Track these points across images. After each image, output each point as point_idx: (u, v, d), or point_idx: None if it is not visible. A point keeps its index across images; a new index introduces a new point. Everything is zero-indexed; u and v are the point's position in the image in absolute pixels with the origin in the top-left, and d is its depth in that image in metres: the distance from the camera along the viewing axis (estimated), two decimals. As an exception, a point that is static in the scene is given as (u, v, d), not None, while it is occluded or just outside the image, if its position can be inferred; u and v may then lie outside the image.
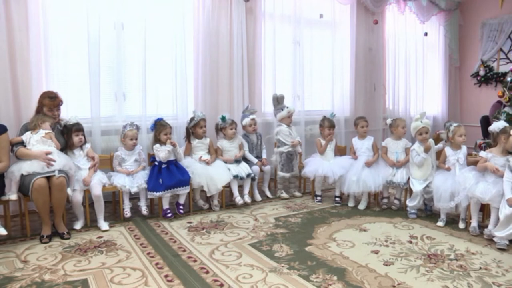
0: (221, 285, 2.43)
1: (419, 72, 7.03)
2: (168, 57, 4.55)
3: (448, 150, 3.76)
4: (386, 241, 3.21)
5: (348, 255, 2.90)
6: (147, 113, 4.33)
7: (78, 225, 3.46)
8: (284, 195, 4.65)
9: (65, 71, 4.05)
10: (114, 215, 3.85)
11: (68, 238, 3.21)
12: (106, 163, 3.81)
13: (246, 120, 4.51)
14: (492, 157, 3.35)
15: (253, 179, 4.30)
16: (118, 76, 4.29)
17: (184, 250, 2.98)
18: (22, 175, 3.09)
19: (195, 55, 4.72)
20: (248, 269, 2.65)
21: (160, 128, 3.81)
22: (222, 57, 4.88)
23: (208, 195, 4.01)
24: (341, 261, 2.80)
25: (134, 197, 3.81)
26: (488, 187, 3.20)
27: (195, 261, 2.79)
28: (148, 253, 2.92)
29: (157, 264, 2.73)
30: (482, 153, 3.48)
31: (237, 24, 4.92)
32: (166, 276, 2.54)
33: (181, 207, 3.81)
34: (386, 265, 2.73)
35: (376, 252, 2.97)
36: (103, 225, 3.43)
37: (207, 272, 2.60)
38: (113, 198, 3.94)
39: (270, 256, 2.89)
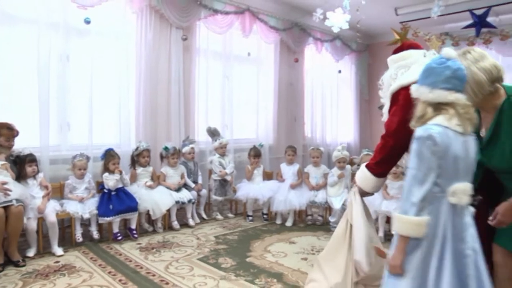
0: (182, 292, 2.87)
1: (334, 104, 7.91)
2: (112, 89, 4.83)
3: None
4: (312, 250, 3.87)
5: (282, 263, 3.49)
6: (93, 142, 4.56)
7: (31, 252, 3.57)
8: (219, 216, 5.14)
9: (11, 100, 4.16)
10: (64, 241, 4.00)
11: (24, 266, 3.33)
12: (55, 191, 3.99)
13: (186, 149, 4.98)
14: (389, 183, 4.23)
15: (192, 202, 4.76)
16: (64, 106, 4.46)
17: (141, 268, 3.34)
18: (-22, 206, 3.20)
19: (136, 89, 5.05)
20: (201, 279, 3.11)
21: (109, 158, 4.13)
22: (161, 91, 5.25)
23: (153, 218, 4.37)
24: (278, 268, 3.37)
25: (81, 223, 4.03)
26: (391, 203, 4.10)
27: (154, 275, 3.18)
28: (109, 272, 3.23)
29: (120, 280, 3.07)
30: None
31: (175, 60, 5.34)
32: (132, 289, 2.91)
33: (134, 231, 4.13)
34: (314, 268, 3.35)
35: (305, 259, 3.60)
36: (58, 250, 3.62)
37: (167, 283, 3.01)
38: (61, 224, 4.12)
39: (218, 267, 3.37)
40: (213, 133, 5.27)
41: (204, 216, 5.09)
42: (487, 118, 1.94)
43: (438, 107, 1.72)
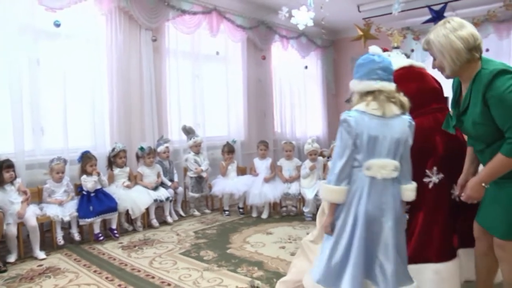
0: (169, 284, 3.00)
1: (302, 99, 8.12)
2: (85, 92, 4.85)
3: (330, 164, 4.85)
4: (289, 239, 4.07)
5: (262, 252, 3.67)
6: (69, 145, 4.57)
7: (12, 258, 3.57)
8: (196, 213, 5.27)
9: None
10: (45, 245, 4.01)
11: (5, 271, 3.34)
12: (33, 196, 3.98)
13: (161, 148, 5.07)
14: None
15: (170, 200, 4.86)
16: (37, 110, 4.44)
17: (126, 265, 3.44)
18: (-43, 213, 3.22)
19: (109, 90, 5.08)
20: (186, 271, 3.25)
21: (86, 160, 4.18)
22: (134, 92, 5.30)
23: (133, 217, 4.45)
24: (258, 257, 3.55)
25: (62, 226, 4.06)
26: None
27: (139, 271, 3.29)
28: (95, 271, 3.31)
29: (107, 277, 3.16)
30: None
31: (146, 61, 5.39)
32: (119, 285, 3.01)
33: (115, 231, 4.20)
34: (293, 255, 3.49)
35: (283, 248, 3.80)
36: (40, 254, 3.65)
37: (153, 277, 3.14)
38: (41, 229, 4.12)
39: (200, 259, 3.52)
40: (189, 132, 5.38)
41: (182, 213, 5.20)
42: (466, 89, 2.08)
43: (366, 95, 2.05)
